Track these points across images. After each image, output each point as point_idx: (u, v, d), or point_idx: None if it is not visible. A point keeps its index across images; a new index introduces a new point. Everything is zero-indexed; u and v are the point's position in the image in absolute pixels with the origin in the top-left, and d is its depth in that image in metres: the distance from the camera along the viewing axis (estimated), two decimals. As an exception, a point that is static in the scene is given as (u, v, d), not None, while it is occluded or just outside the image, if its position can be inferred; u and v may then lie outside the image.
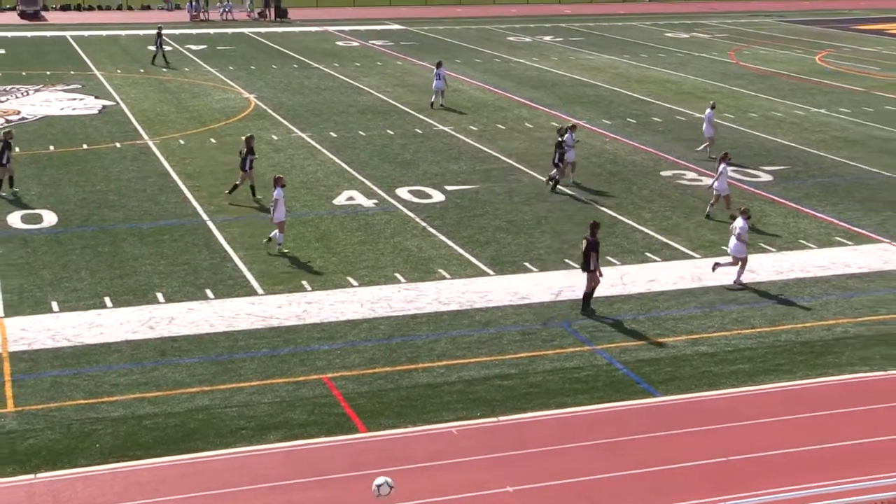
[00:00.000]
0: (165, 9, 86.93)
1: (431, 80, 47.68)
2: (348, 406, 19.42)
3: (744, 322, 23.54)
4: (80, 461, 17.36)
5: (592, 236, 23.57)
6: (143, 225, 29.60)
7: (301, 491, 16.64)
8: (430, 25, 79.38)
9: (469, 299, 24.60)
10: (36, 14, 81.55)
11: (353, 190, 33.39)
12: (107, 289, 24.82)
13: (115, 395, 19.65)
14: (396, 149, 38.97)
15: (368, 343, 22.16)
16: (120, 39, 69.07)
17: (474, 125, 43.36)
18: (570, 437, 18.41)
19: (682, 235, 29.33)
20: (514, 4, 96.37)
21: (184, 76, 54.91)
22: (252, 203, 31.42)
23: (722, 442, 18.27)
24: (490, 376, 20.70)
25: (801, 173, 36.14)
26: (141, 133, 41.33)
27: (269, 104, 47.39)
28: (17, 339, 22.01)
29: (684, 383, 20.52)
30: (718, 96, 50.38)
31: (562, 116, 45.15)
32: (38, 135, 40.59)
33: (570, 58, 62.89)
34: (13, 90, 49.93)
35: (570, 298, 24.65)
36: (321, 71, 57.25)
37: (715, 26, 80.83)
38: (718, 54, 65.49)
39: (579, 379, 20.65)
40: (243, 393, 19.87)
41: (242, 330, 22.70)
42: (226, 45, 67.79)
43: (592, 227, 23.82)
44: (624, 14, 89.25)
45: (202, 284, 25.18)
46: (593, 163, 37.08)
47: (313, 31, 75.44)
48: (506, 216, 30.82)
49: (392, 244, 28.27)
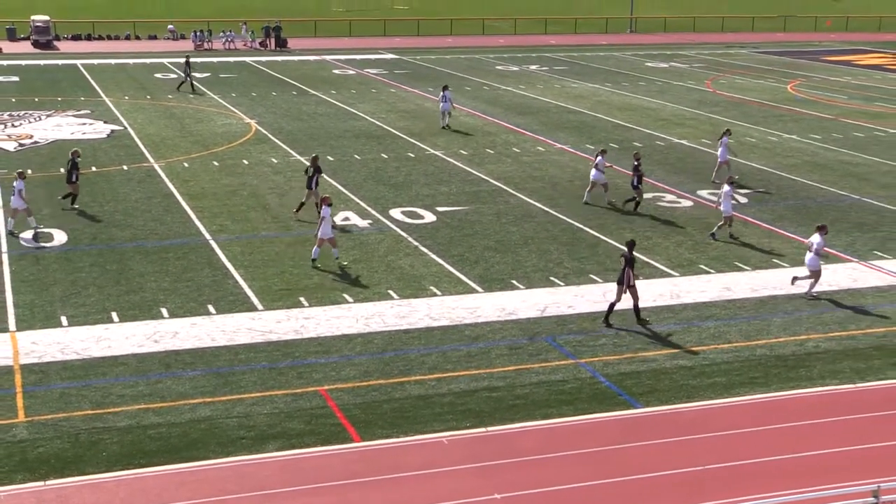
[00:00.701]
0: (171, 38, 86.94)
1: (438, 102, 47.99)
2: (343, 417, 19.35)
3: (720, 337, 23.54)
4: (88, 469, 17.26)
5: (630, 253, 23.70)
6: (148, 244, 29.52)
7: (298, 498, 16.56)
8: (422, 55, 79.51)
9: (459, 315, 24.56)
10: (48, 43, 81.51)
11: (349, 211, 33.35)
12: (114, 304, 24.73)
13: (122, 405, 19.55)
14: (390, 171, 38.96)
15: (363, 357, 22.10)
16: (128, 67, 69.04)
17: (464, 149, 43.38)
18: (555, 447, 18.36)
19: (661, 254, 29.35)
20: (502, 35, 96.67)
21: (188, 102, 54.88)
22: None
23: (700, 451, 18.24)
24: (479, 388, 20.65)
25: (774, 196, 36.21)
26: (147, 156, 41.27)
27: (269, 129, 47.37)
28: (29, 351, 21.91)
29: (664, 395, 20.50)
30: (696, 122, 50.56)
31: (547, 141, 45.22)
32: (50, 158, 40.49)
33: (556, 86, 63.02)
34: (26, 115, 49.85)
35: (555, 314, 24.63)
36: (319, 98, 57.28)
37: (692, 56, 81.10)
38: (696, 83, 65.69)
39: (564, 391, 20.61)
40: (243, 404, 19.78)
41: (243, 344, 22.63)
42: (228, 72, 67.80)
43: (629, 244, 24.10)
44: (606, 45, 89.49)
45: (204, 300, 25.10)
46: (577, 185, 37.09)
47: (311, 59, 75.51)
48: (494, 236, 30.81)
49: (386, 262, 28.23)
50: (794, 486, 16.99)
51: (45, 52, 78.40)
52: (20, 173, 30.96)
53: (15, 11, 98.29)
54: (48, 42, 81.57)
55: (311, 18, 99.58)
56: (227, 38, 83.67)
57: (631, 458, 17.95)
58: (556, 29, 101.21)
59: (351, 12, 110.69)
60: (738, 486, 17.03)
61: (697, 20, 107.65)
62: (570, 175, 38.88)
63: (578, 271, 27.77)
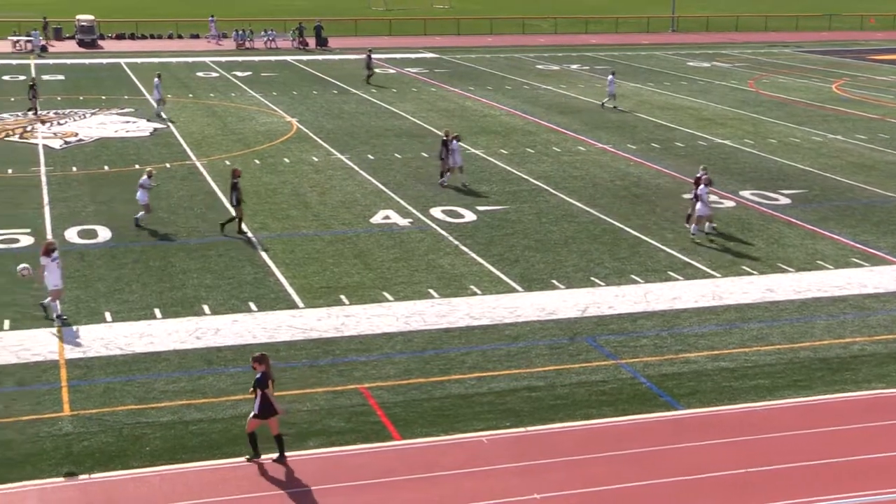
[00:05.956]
0: (214, 38, 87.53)
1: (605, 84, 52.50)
2: (384, 415, 19.39)
3: (763, 339, 23.35)
4: (131, 463, 17.42)
5: None
6: (191, 241, 29.74)
7: (338, 495, 16.61)
8: (462, 54, 79.53)
9: (499, 314, 24.54)
10: (93, 42, 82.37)
11: (389, 209, 33.43)
12: (157, 301, 24.94)
13: (164, 401, 19.71)
14: (431, 171, 38.98)
15: (403, 355, 22.14)
16: (170, 66, 69.56)
17: (504, 149, 43.34)
18: (595, 448, 18.29)
19: (703, 255, 29.16)
20: (543, 34, 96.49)
21: (230, 101, 55.24)
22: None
23: (742, 454, 18.09)
24: (519, 388, 20.62)
25: (818, 196, 35.89)
26: (189, 154, 41.59)
27: (309, 128, 47.58)
28: (74, 347, 22.15)
29: (705, 397, 20.36)
30: (738, 122, 50.21)
31: (588, 141, 45.08)
32: (94, 155, 40.91)
33: (597, 85, 62.79)
34: (71, 113, 50.39)
35: (595, 315, 24.55)
36: (359, 96, 57.45)
37: (735, 56, 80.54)
38: (738, 82, 65.23)
39: (604, 392, 20.53)
40: (284, 401, 19.82)
41: (283, 341, 22.74)
42: (269, 71, 68.17)
43: None
44: (647, 44, 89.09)
45: (246, 298, 25.25)
46: (618, 185, 36.97)
47: (352, 58, 75.72)
48: (534, 235, 30.76)
49: (426, 261, 28.26)
50: (838, 491, 16.83)
51: (89, 51, 79.21)
52: (149, 172, 31.55)
53: (61, 11, 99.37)
54: (93, 41, 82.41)
55: (352, 18, 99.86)
56: (269, 37, 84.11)
57: (672, 460, 17.85)
58: (597, 28, 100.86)
59: (391, 11, 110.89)
60: (782, 490, 16.88)
61: (740, 19, 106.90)
62: (611, 175, 38.73)
63: (619, 271, 27.67)
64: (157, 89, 49.76)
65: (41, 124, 47.36)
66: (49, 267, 23.46)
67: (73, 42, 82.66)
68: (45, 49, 77.70)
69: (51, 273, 23.46)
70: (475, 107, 54.56)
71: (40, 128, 46.43)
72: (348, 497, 16.57)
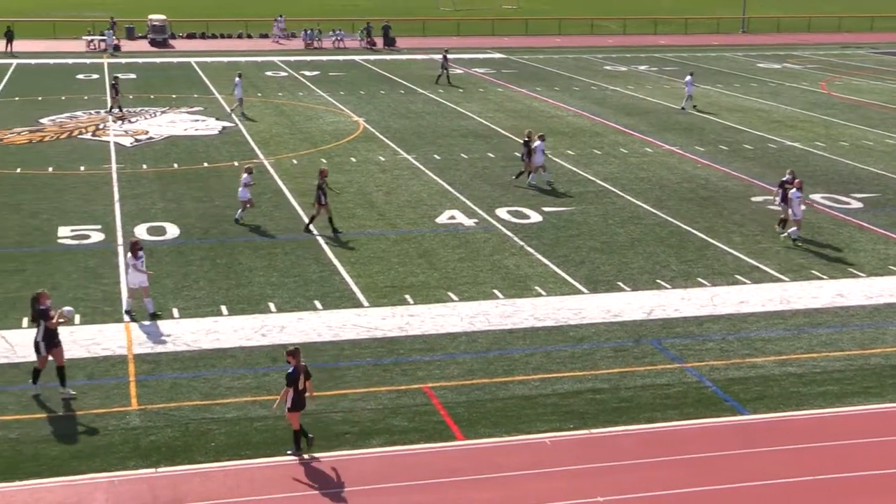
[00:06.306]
0: (282, 37, 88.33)
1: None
2: (447, 414, 19.41)
3: (832, 345, 22.99)
4: (197, 458, 17.63)
5: None
6: (257, 239, 30.02)
7: (400, 494, 16.66)
8: (530, 54, 79.37)
9: (563, 316, 24.45)
10: (164, 42, 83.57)
11: (455, 209, 33.46)
12: (223, 298, 25.22)
13: (229, 397, 19.92)
14: (497, 171, 38.97)
15: (467, 355, 22.15)
16: (240, 65, 70.28)
17: (571, 150, 43.17)
18: (659, 451, 18.15)
19: (771, 259, 28.79)
20: (611, 35, 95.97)
21: (298, 100, 55.69)
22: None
23: (810, 461, 17.83)
24: (583, 390, 20.52)
25: (891, 200, 35.24)
26: (257, 153, 41.99)
27: (376, 127, 47.79)
28: (142, 342, 22.47)
29: (772, 402, 20.09)
30: (809, 125, 49.51)
31: (655, 143, 44.74)
32: (164, 153, 41.49)
33: (665, 86, 62.32)
34: (142, 112, 51.15)
35: (661, 317, 24.36)
36: (426, 96, 57.58)
37: (807, 57, 79.43)
38: (809, 84, 64.32)
39: (669, 395, 20.36)
40: (348, 399, 19.99)
41: (348, 340, 22.86)
42: (337, 71, 68.61)
43: None
44: (717, 45, 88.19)
45: (311, 296, 25.43)
46: (686, 188, 36.65)
47: (420, 58, 75.95)
48: (600, 237, 30.60)
49: (491, 262, 28.24)
50: (907, 500, 16.53)
51: (161, 50, 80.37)
52: (248, 169, 31.96)
53: (133, 11, 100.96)
54: (164, 40, 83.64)
55: (420, 18, 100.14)
56: (337, 36, 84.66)
57: (738, 466, 17.65)
58: (666, 29, 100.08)
59: (459, 12, 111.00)
60: (850, 499, 16.61)
61: (813, 20, 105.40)
62: (679, 177, 38.40)
63: (685, 274, 27.42)
64: (237, 88, 50.35)
65: (121, 121, 48.13)
66: (135, 266, 23.71)
67: (144, 41, 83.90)
68: (118, 48, 78.96)
69: (135, 272, 23.73)
70: (542, 107, 54.42)
71: (112, 125, 47.19)
72: (410, 496, 16.61)
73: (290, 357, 17.74)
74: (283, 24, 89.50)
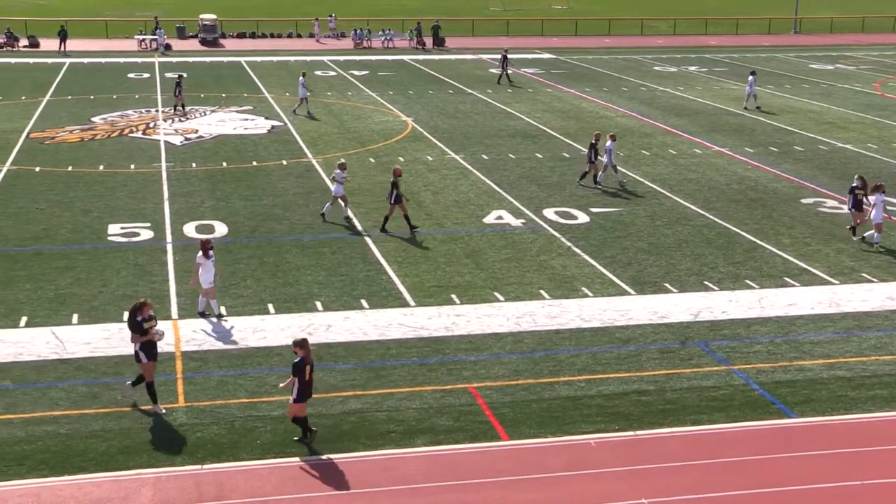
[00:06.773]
0: (332, 37, 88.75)
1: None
2: (492, 415, 19.42)
3: (882, 348, 22.71)
4: (242, 455, 17.78)
5: None
6: (305, 238, 30.20)
7: (444, 494, 16.70)
8: (579, 55, 79.12)
9: (610, 317, 24.37)
10: (215, 41, 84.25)
11: (502, 209, 33.45)
12: (270, 296, 25.39)
13: (275, 395, 20.03)
14: (544, 171, 38.90)
15: (513, 356, 22.14)
16: (289, 64, 70.74)
17: (620, 150, 42.91)
18: (704, 454, 18.04)
19: (821, 262, 28.50)
20: (661, 35, 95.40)
21: (346, 100, 55.93)
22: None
23: (858, 466, 17.64)
24: (628, 391, 20.45)
25: (944, 203, 34.72)
26: (306, 152, 42.23)
27: (425, 127, 47.88)
28: (189, 339, 22.69)
29: (820, 406, 19.90)
30: (861, 127, 48.92)
31: (704, 144, 44.44)
32: (213, 152, 41.85)
33: (714, 87, 61.86)
34: (192, 111, 51.62)
35: (708, 319, 24.21)
36: (475, 97, 57.59)
37: (860, 58, 78.47)
38: (862, 85, 63.54)
39: (715, 398, 20.22)
40: (393, 398, 20.06)
41: (394, 339, 22.93)
42: (386, 71, 68.80)
43: None
44: (768, 46, 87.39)
45: (358, 295, 25.54)
46: (734, 189, 36.37)
47: (468, 58, 75.97)
48: (647, 238, 30.45)
49: (538, 262, 28.21)
50: (958, 507, 16.30)
51: (211, 49, 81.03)
52: (341, 164, 32.16)
53: (184, 10, 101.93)
54: (215, 40, 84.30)
55: (469, 18, 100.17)
56: (387, 36, 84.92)
57: (784, 469, 17.50)
58: (716, 29, 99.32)
59: (508, 12, 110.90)
60: (898, 504, 16.43)
61: (867, 20, 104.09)
62: (728, 178, 38.11)
63: (733, 276, 27.22)
64: (302, 87, 50.74)
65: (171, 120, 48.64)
66: (205, 266, 23.70)
67: (195, 41, 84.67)
68: (169, 47, 79.74)
69: (206, 271, 23.72)
70: (591, 108, 54.24)
71: (162, 124, 47.69)
72: (454, 495, 16.64)
73: (298, 348, 17.89)
74: (333, 24, 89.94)
